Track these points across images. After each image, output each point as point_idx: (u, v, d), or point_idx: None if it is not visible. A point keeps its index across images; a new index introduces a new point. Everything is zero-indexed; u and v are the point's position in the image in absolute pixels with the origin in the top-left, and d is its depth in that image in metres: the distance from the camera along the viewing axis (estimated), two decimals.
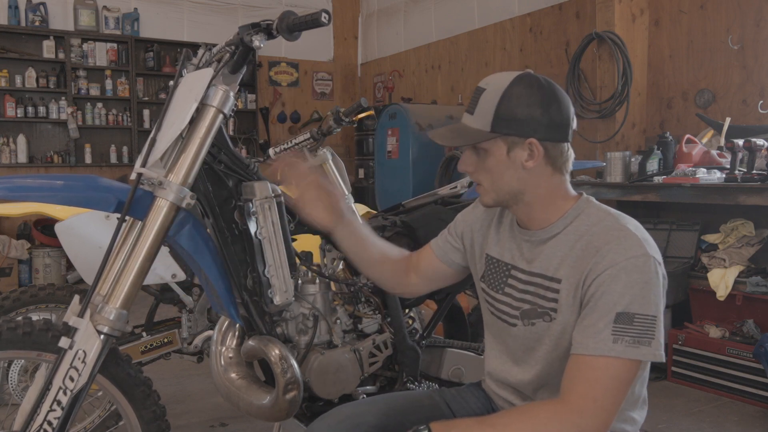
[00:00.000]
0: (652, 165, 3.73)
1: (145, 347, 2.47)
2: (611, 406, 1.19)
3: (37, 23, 6.41)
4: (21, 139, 6.42)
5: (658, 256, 1.24)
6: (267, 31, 1.57)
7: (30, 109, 6.42)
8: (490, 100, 1.30)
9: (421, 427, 1.23)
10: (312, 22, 1.52)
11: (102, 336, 1.45)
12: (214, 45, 1.74)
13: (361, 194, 6.71)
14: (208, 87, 1.53)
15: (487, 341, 1.52)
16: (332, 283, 1.87)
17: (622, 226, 1.26)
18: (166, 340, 2.51)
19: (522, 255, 1.39)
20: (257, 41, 1.54)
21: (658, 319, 1.20)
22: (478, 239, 1.51)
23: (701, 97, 4.23)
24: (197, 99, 1.52)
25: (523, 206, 1.35)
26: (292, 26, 1.54)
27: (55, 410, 1.42)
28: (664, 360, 1.21)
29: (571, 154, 1.35)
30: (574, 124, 1.34)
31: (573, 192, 1.37)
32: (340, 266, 1.93)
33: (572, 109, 1.33)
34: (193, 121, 1.54)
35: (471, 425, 1.25)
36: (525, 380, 1.39)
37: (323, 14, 1.51)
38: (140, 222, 1.53)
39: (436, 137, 1.38)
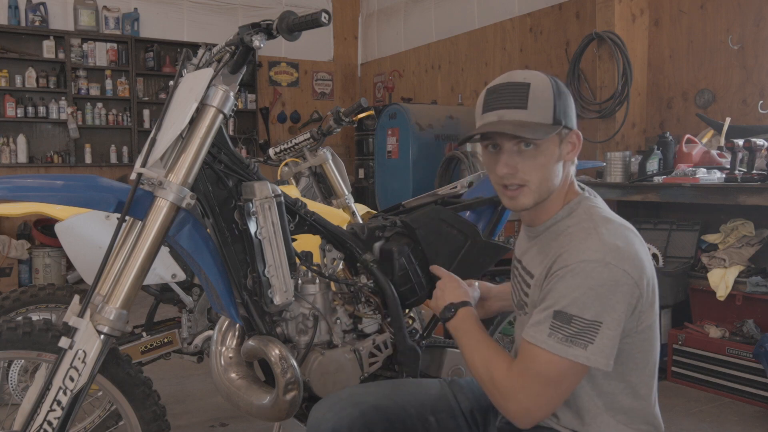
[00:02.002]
0: (652, 165, 3.73)
1: (145, 347, 2.47)
2: (537, 397, 1.22)
3: (37, 23, 6.41)
4: (21, 139, 6.42)
5: (628, 266, 1.20)
6: (267, 31, 1.57)
7: (30, 109, 6.42)
8: (543, 94, 1.27)
9: (459, 305, 1.43)
10: (312, 22, 1.52)
11: (102, 336, 1.45)
12: (214, 45, 1.74)
13: (361, 194, 6.71)
14: (208, 87, 1.54)
15: None
16: (332, 283, 1.87)
17: (592, 230, 1.25)
18: (166, 340, 2.51)
19: (522, 247, 1.44)
20: (257, 41, 1.54)
21: (604, 326, 1.18)
22: None
23: (701, 97, 4.23)
24: (197, 99, 1.52)
25: (541, 204, 1.34)
26: (292, 26, 1.54)
27: (55, 410, 1.42)
28: (602, 367, 1.20)
29: None
30: None
31: (577, 189, 1.37)
32: (340, 266, 1.93)
33: None
34: (193, 121, 1.54)
35: (470, 331, 1.38)
36: None
37: (323, 14, 1.51)
38: (140, 222, 1.53)
39: (491, 127, 1.27)
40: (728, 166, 3.45)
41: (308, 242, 1.90)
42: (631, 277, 1.20)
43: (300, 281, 1.79)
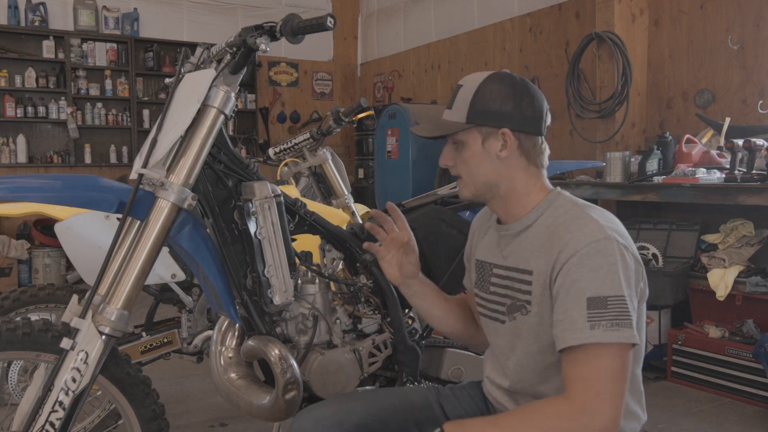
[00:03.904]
0: (652, 165, 3.73)
1: (145, 347, 2.47)
2: (614, 397, 1.18)
3: (36, 23, 6.41)
4: (21, 139, 6.42)
5: (626, 241, 1.26)
6: (270, 33, 1.57)
7: (30, 109, 6.42)
8: (465, 94, 1.37)
9: (436, 430, 1.27)
10: (317, 26, 1.52)
11: (104, 337, 1.45)
12: (213, 45, 1.74)
13: (361, 194, 6.71)
14: (210, 88, 1.53)
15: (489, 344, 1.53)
16: (332, 283, 1.87)
17: (584, 214, 1.29)
18: (165, 340, 2.51)
19: (500, 251, 1.43)
20: (263, 45, 1.54)
21: (627, 300, 1.20)
22: (473, 252, 1.55)
23: (701, 97, 4.23)
24: (199, 100, 1.52)
25: (499, 200, 1.40)
26: (297, 30, 1.54)
27: (57, 411, 1.42)
28: (638, 342, 1.20)
29: (546, 149, 1.41)
30: (548, 120, 1.40)
31: (549, 186, 1.41)
32: (340, 266, 1.93)
33: (545, 106, 1.40)
34: (194, 122, 1.54)
35: (483, 426, 1.26)
36: (512, 378, 1.41)
37: (328, 19, 1.51)
38: (140, 222, 1.53)
39: (417, 130, 1.45)
40: (728, 166, 3.45)
41: (308, 242, 1.90)
42: (632, 253, 1.26)
43: (300, 281, 1.79)
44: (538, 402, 1.30)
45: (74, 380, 1.42)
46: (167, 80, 1.71)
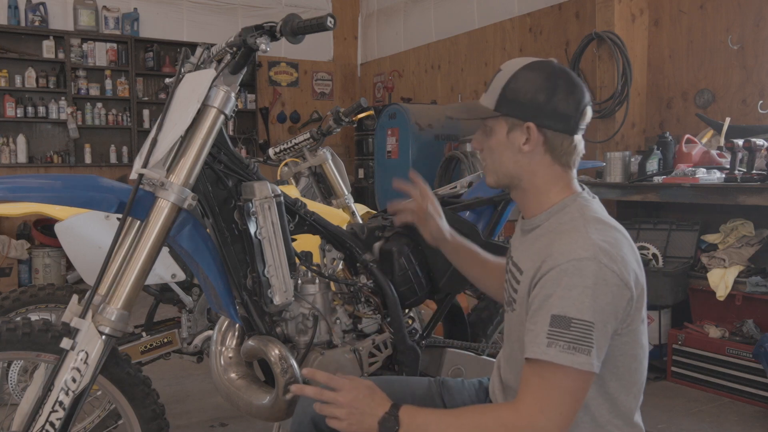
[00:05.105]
0: (652, 165, 3.73)
1: (145, 347, 2.47)
2: (559, 417, 1.15)
3: (36, 23, 6.41)
4: (21, 139, 6.42)
5: (618, 265, 1.18)
6: (270, 33, 1.57)
7: (30, 109, 6.42)
8: (500, 80, 1.33)
9: (392, 410, 1.26)
10: (317, 26, 1.52)
11: (104, 337, 1.45)
12: (213, 45, 1.74)
13: (361, 194, 6.71)
14: (210, 88, 1.54)
15: None
16: (332, 283, 1.87)
17: (581, 228, 1.23)
18: (165, 340, 2.51)
19: (515, 243, 1.42)
20: (264, 45, 1.54)
21: (596, 327, 1.15)
22: None
23: (701, 97, 4.23)
24: (200, 100, 1.52)
25: (520, 192, 1.36)
26: (297, 30, 1.54)
27: (57, 411, 1.42)
28: (596, 372, 1.16)
29: (578, 148, 1.33)
30: (587, 118, 1.32)
31: (575, 188, 1.35)
32: (340, 266, 1.93)
33: (585, 102, 1.31)
34: (194, 122, 1.54)
35: (432, 417, 1.26)
36: (503, 368, 1.41)
37: (328, 19, 1.51)
38: (140, 222, 1.53)
39: (449, 111, 1.47)
40: (728, 166, 3.45)
41: (308, 242, 1.90)
42: (621, 278, 1.18)
43: (300, 281, 1.79)
44: (490, 405, 1.30)
45: (74, 380, 1.42)
46: (167, 80, 1.71)
